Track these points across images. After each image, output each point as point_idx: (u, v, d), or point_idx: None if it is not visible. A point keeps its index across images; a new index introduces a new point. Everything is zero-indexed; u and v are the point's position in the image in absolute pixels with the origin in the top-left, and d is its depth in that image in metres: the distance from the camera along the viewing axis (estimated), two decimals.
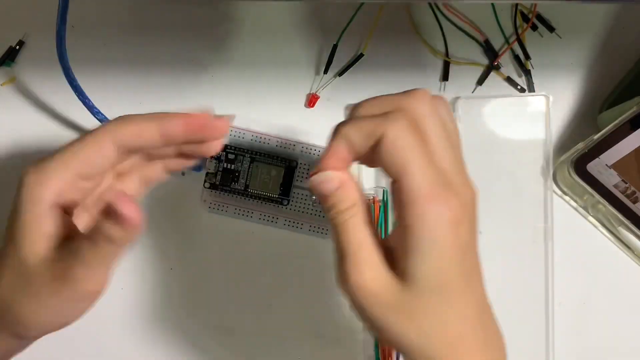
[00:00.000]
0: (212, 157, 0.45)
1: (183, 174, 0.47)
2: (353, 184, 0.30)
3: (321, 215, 0.46)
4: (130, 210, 0.28)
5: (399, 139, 0.28)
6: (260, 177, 0.46)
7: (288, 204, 0.46)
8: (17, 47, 0.47)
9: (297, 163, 0.46)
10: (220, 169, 0.46)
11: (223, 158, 0.46)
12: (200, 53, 0.47)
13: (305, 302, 0.47)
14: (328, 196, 0.30)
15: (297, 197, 0.46)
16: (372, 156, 0.29)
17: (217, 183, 0.46)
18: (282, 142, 0.46)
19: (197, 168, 0.45)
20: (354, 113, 0.31)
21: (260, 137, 0.46)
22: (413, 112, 0.29)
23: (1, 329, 0.32)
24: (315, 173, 0.30)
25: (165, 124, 0.31)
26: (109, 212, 0.28)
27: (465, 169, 0.30)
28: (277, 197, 0.46)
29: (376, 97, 0.30)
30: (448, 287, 0.28)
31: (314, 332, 0.47)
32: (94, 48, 0.47)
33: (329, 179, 0.29)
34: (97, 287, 0.31)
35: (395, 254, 0.29)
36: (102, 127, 0.31)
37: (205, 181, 0.46)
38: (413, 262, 0.28)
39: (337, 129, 0.30)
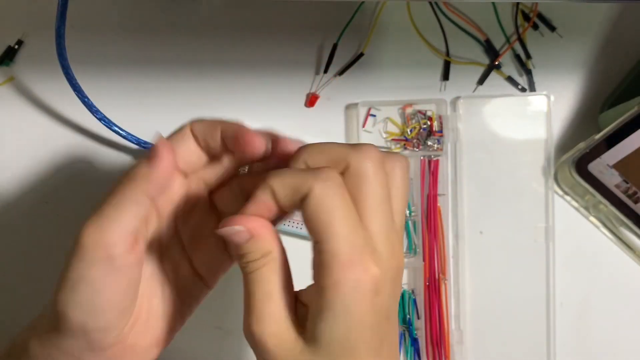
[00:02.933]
0: None
1: None
2: (267, 234, 0.28)
3: None
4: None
5: (326, 198, 0.26)
6: None
7: None
8: (16, 46, 0.46)
9: None
10: None
11: None
12: (201, 53, 0.47)
13: None
14: (238, 247, 0.28)
15: None
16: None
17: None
18: None
19: None
20: (293, 160, 0.29)
21: None
22: (354, 168, 0.28)
23: None
24: (227, 223, 0.28)
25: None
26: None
27: (399, 236, 0.29)
28: None
29: (321, 144, 0.29)
30: (355, 353, 0.27)
31: None
32: (93, 48, 0.47)
33: (238, 231, 0.28)
34: None
35: (307, 310, 0.28)
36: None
37: None
38: (321, 325, 0.27)
39: (265, 179, 0.28)
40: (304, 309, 0.29)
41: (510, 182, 0.47)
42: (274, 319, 0.28)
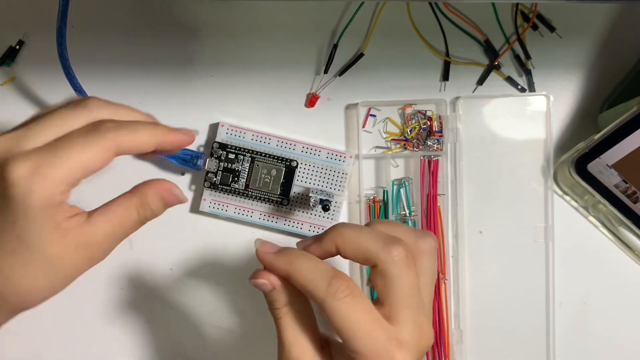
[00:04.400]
0: (212, 156, 0.45)
1: (182, 174, 0.47)
2: (283, 288, 0.33)
3: (321, 216, 0.46)
4: None
5: (344, 308, 0.31)
6: (261, 177, 0.46)
7: (288, 204, 0.46)
8: (17, 46, 0.47)
9: (297, 163, 0.46)
10: (221, 169, 0.46)
11: (223, 157, 0.46)
12: (201, 53, 0.47)
13: None
14: (266, 294, 0.33)
15: (297, 198, 0.46)
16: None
17: (217, 182, 0.46)
18: (282, 142, 0.46)
19: (197, 166, 0.45)
20: (326, 239, 0.33)
21: (261, 137, 0.46)
22: (382, 269, 0.32)
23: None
24: (256, 276, 0.33)
25: (162, 141, 0.34)
26: None
27: (427, 313, 0.33)
28: (277, 198, 0.46)
29: (358, 232, 0.33)
30: None
31: None
32: (94, 48, 0.47)
33: (262, 283, 0.33)
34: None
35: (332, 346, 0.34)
36: (101, 135, 0.31)
37: (205, 180, 0.46)
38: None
39: (338, 229, 0.33)
40: (330, 346, 0.33)
41: (509, 182, 0.47)
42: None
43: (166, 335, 0.48)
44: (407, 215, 0.47)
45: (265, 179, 0.46)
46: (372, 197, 0.47)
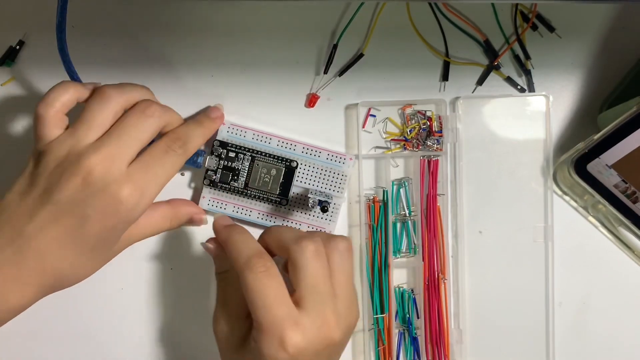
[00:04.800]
0: (213, 154, 0.46)
1: (182, 174, 0.47)
2: (223, 257, 0.38)
3: (319, 217, 0.46)
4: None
5: (257, 282, 0.35)
6: (260, 176, 0.46)
7: (287, 204, 0.46)
8: (18, 47, 0.47)
9: (297, 163, 0.46)
10: (221, 167, 0.46)
11: (224, 156, 0.46)
12: (201, 53, 0.47)
13: None
14: (213, 259, 0.40)
15: (296, 198, 0.46)
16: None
17: (217, 181, 0.46)
18: (283, 142, 0.46)
19: (197, 164, 0.45)
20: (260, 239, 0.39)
21: (262, 137, 0.46)
22: (292, 259, 0.36)
23: (37, 281, 0.37)
24: (209, 239, 0.40)
25: (211, 132, 0.45)
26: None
27: (338, 308, 0.36)
28: (276, 197, 0.46)
29: (276, 231, 0.38)
30: None
31: None
32: (94, 48, 0.47)
33: (207, 246, 0.40)
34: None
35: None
36: (176, 151, 0.40)
37: (205, 178, 0.46)
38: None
39: (270, 228, 0.39)
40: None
41: (509, 182, 0.47)
42: (224, 321, 0.38)
43: (166, 335, 0.48)
44: (407, 215, 0.47)
45: (265, 178, 0.46)
46: (371, 197, 0.47)
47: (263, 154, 0.46)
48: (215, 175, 0.46)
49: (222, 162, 0.46)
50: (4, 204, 0.37)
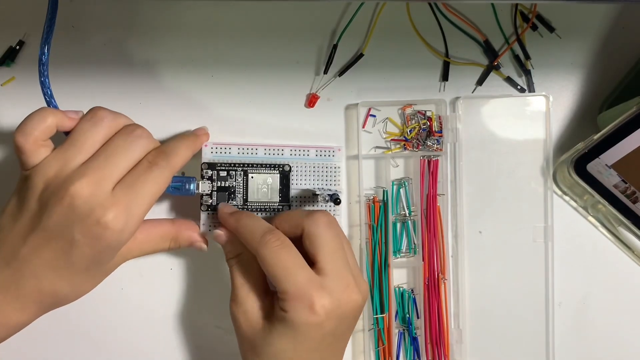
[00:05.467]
0: (203, 178, 0.44)
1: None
2: (234, 242, 0.41)
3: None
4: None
5: (273, 254, 0.38)
6: (257, 189, 0.45)
7: (290, 209, 0.45)
8: (17, 46, 0.47)
9: (290, 167, 0.45)
10: (215, 189, 0.44)
11: (215, 177, 0.44)
12: (200, 53, 0.47)
13: None
14: (223, 246, 0.42)
15: (297, 201, 0.46)
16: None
17: (214, 204, 0.44)
18: (270, 149, 0.45)
19: (190, 192, 0.43)
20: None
21: (247, 149, 0.45)
22: (307, 231, 0.39)
23: (37, 299, 0.38)
24: (217, 228, 0.42)
25: (197, 149, 0.43)
26: None
27: (354, 275, 0.39)
28: (278, 205, 0.45)
29: (284, 214, 0.42)
30: None
31: None
32: (93, 48, 0.47)
33: (218, 234, 0.42)
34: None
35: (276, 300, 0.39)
36: (162, 168, 0.39)
37: (201, 205, 0.44)
38: (273, 334, 0.38)
39: (276, 214, 0.44)
40: (275, 297, 0.39)
41: (509, 182, 0.47)
42: (245, 301, 0.40)
43: (167, 335, 0.48)
44: (407, 215, 0.47)
45: (262, 189, 0.45)
46: (372, 197, 0.47)
47: (254, 165, 0.45)
48: (212, 198, 0.44)
49: (214, 183, 0.44)
50: None
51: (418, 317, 0.47)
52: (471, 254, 0.47)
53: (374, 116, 0.47)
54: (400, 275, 0.47)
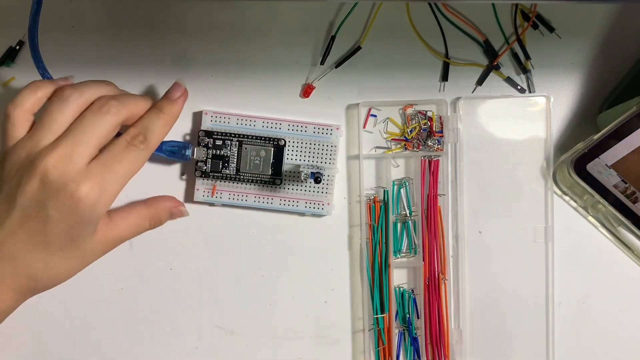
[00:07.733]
0: (199, 144, 0.46)
1: (183, 174, 0.47)
2: None
3: (315, 191, 0.46)
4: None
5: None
6: (250, 160, 0.46)
7: (281, 183, 0.46)
8: (17, 46, 0.47)
9: (285, 141, 0.46)
10: (210, 156, 0.46)
11: (211, 145, 0.46)
12: (200, 52, 0.47)
13: (305, 301, 0.47)
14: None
15: (289, 176, 0.46)
16: None
17: (208, 171, 0.46)
18: (268, 122, 0.46)
19: (186, 157, 0.45)
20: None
21: (246, 120, 0.46)
22: None
23: (14, 285, 0.38)
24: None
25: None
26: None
27: None
28: (270, 178, 0.46)
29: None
30: None
31: (314, 332, 0.48)
32: (93, 48, 0.47)
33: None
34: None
35: None
36: (139, 148, 0.40)
37: (195, 170, 0.46)
38: None
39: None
40: None
41: (509, 182, 0.47)
42: None
43: (167, 335, 0.48)
44: (408, 215, 0.47)
45: (255, 160, 0.46)
46: (372, 197, 0.47)
47: (250, 137, 0.46)
48: (206, 165, 0.46)
49: (210, 151, 0.46)
50: None
51: (418, 317, 0.47)
52: (471, 254, 0.47)
53: (375, 116, 0.47)
54: (401, 275, 0.47)
